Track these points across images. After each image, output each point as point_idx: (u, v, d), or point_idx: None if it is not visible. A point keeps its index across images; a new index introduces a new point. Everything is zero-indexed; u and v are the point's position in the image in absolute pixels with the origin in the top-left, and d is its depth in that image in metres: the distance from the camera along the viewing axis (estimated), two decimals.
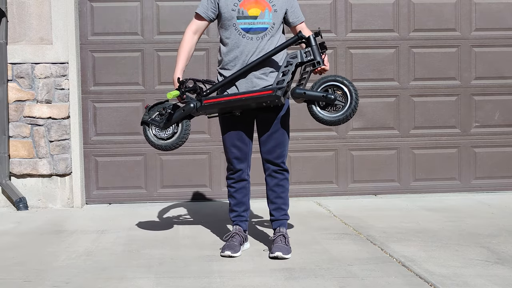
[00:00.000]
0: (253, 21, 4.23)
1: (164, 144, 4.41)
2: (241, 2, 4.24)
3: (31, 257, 4.39)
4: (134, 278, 3.86)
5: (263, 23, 4.24)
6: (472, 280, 3.71)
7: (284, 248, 4.21)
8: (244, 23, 4.24)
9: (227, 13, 4.25)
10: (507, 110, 6.66)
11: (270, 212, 4.40)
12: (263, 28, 4.24)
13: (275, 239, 4.29)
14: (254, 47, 4.24)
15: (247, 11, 4.23)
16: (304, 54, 4.11)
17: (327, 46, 4.20)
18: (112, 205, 6.33)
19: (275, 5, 4.27)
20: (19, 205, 6.03)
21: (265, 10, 4.24)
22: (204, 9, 4.32)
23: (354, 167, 6.56)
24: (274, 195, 4.37)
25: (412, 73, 6.58)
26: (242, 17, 4.23)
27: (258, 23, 4.24)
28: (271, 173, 4.38)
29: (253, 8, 4.24)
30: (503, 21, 6.63)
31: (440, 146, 6.63)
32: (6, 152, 6.07)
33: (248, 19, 4.24)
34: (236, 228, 4.43)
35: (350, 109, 4.03)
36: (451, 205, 6.02)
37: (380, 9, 6.54)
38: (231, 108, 4.23)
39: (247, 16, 4.23)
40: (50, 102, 6.09)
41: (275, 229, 4.36)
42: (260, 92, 4.13)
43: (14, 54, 6.07)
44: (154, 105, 4.48)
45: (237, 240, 4.35)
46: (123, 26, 6.37)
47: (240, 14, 4.23)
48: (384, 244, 4.56)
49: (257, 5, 4.25)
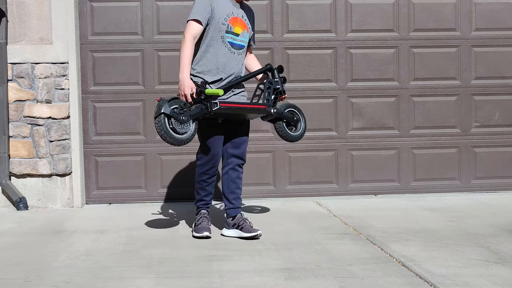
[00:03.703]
0: (236, 37, 4.80)
1: (180, 139, 4.44)
2: (230, 19, 4.75)
3: (31, 257, 4.39)
4: (134, 278, 3.86)
5: (242, 41, 4.84)
6: (472, 280, 3.71)
7: (254, 229, 4.82)
8: (230, 37, 4.76)
9: (218, 25, 4.71)
10: (507, 110, 6.67)
11: (230, 201, 4.88)
12: (242, 45, 4.85)
13: (243, 223, 4.82)
14: (236, 60, 4.81)
15: (233, 28, 4.77)
16: (275, 83, 4.96)
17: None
18: (112, 205, 6.33)
19: (249, 28, 4.91)
20: (19, 205, 6.03)
21: (245, 30, 4.85)
22: (204, 16, 4.68)
23: (354, 167, 6.56)
24: (235, 186, 4.89)
25: (412, 73, 6.58)
26: (229, 32, 4.75)
27: (239, 40, 4.82)
28: (235, 167, 4.90)
29: (238, 26, 4.80)
30: (503, 21, 6.63)
31: (440, 146, 6.63)
32: (6, 152, 6.07)
33: (233, 35, 4.78)
34: (203, 213, 4.93)
35: (304, 128, 5.18)
36: (451, 205, 6.02)
37: (380, 9, 6.54)
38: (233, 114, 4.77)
39: (233, 32, 4.77)
40: (50, 102, 6.09)
41: (236, 216, 4.87)
42: (258, 106, 4.89)
43: (14, 54, 6.07)
44: (173, 99, 4.49)
45: (207, 222, 4.89)
46: (123, 26, 6.37)
47: (228, 29, 4.75)
48: (384, 244, 4.56)
49: (240, 25, 4.81)
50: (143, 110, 6.37)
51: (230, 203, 4.89)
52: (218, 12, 4.70)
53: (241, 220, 4.85)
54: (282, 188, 6.52)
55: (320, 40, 6.49)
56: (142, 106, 6.36)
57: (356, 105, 6.54)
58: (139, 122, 6.38)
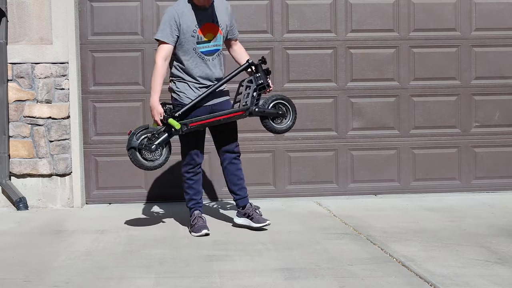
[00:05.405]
0: (208, 44, 4.92)
1: (153, 165, 4.87)
2: (199, 29, 4.86)
3: (31, 257, 4.40)
4: (134, 278, 3.86)
5: (215, 45, 4.95)
6: (472, 280, 3.71)
7: (263, 218, 5.04)
8: (202, 47, 4.90)
9: (188, 38, 4.86)
10: (507, 110, 6.66)
11: (236, 193, 5.08)
12: (216, 50, 4.96)
13: (253, 214, 5.04)
14: (212, 65, 4.94)
15: (203, 36, 4.89)
16: (256, 79, 4.92)
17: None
18: (112, 205, 6.33)
19: (222, 28, 4.96)
20: (19, 205, 6.03)
21: (217, 34, 4.94)
22: (169, 36, 4.84)
23: (354, 167, 6.56)
24: (236, 178, 5.07)
25: (412, 73, 6.58)
26: (200, 41, 4.89)
27: (212, 45, 4.94)
28: (232, 161, 5.07)
29: (208, 33, 4.91)
30: (503, 21, 6.63)
31: (440, 146, 6.63)
32: (6, 152, 6.07)
33: (205, 43, 4.90)
34: (197, 213, 5.06)
35: (293, 119, 5.10)
36: (451, 205, 6.02)
37: (380, 9, 6.54)
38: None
39: (204, 40, 4.90)
40: (50, 102, 6.09)
41: (245, 206, 5.08)
42: (233, 114, 4.93)
43: (14, 54, 6.07)
44: (139, 131, 4.84)
45: (203, 221, 5.02)
46: (123, 26, 6.37)
47: (199, 40, 4.89)
48: (384, 244, 4.56)
49: (210, 31, 4.91)
50: (143, 110, 6.37)
51: (237, 195, 5.09)
52: (185, 27, 4.84)
53: (251, 210, 5.07)
54: (282, 188, 6.52)
55: (320, 40, 6.49)
56: (142, 106, 6.36)
57: (356, 105, 6.54)
58: (139, 122, 6.37)
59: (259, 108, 4.93)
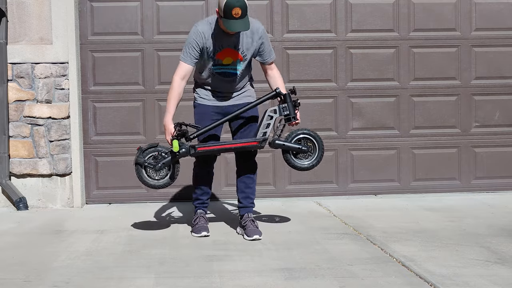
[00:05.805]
0: (226, 67, 4.80)
1: (157, 184, 4.81)
2: (218, 53, 4.75)
3: (31, 257, 4.39)
4: (134, 278, 3.86)
5: (234, 69, 4.80)
6: (472, 280, 3.71)
7: (257, 230, 4.81)
8: (218, 69, 4.80)
9: (205, 58, 4.78)
10: (507, 110, 6.67)
11: (239, 200, 4.99)
12: (233, 74, 4.82)
13: (247, 225, 4.87)
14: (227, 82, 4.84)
15: (222, 60, 4.77)
16: (282, 109, 4.72)
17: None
18: (112, 205, 6.33)
19: (246, 55, 4.79)
20: (19, 205, 6.03)
21: (237, 60, 4.77)
22: (188, 57, 4.75)
23: (354, 167, 6.56)
24: (244, 186, 4.97)
25: (412, 73, 6.58)
26: (217, 64, 4.79)
27: (230, 68, 4.80)
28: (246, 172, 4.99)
29: (227, 58, 4.77)
30: (503, 21, 6.63)
31: (440, 146, 6.63)
32: (6, 152, 6.07)
33: (222, 66, 4.79)
34: (200, 212, 5.03)
35: (318, 157, 4.84)
36: (451, 205, 6.02)
37: (380, 9, 6.54)
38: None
39: (222, 63, 4.78)
40: (50, 102, 6.09)
41: (243, 215, 4.95)
42: (247, 143, 4.77)
43: (14, 54, 6.07)
44: (148, 148, 4.79)
45: (204, 221, 4.98)
46: (123, 26, 6.37)
47: (215, 63, 4.78)
48: (384, 244, 4.56)
49: (230, 55, 4.76)
50: (143, 110, 6.38)
51: (239, 202, 5.02)
52: (205, 48, 4.72)
53: (247, 220, 4.92)
54: (282, 188, 6.52)
55: (320, 40, 6.49)
56: (142, 106, 6.37)
57: (356, 105, 6.55)
58: (139, 122, 6.38)
59: (279, 140, 4.75)
